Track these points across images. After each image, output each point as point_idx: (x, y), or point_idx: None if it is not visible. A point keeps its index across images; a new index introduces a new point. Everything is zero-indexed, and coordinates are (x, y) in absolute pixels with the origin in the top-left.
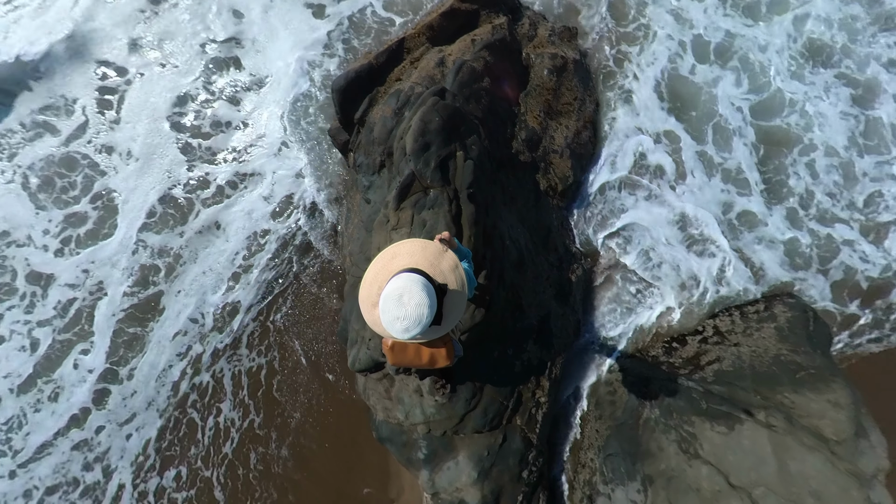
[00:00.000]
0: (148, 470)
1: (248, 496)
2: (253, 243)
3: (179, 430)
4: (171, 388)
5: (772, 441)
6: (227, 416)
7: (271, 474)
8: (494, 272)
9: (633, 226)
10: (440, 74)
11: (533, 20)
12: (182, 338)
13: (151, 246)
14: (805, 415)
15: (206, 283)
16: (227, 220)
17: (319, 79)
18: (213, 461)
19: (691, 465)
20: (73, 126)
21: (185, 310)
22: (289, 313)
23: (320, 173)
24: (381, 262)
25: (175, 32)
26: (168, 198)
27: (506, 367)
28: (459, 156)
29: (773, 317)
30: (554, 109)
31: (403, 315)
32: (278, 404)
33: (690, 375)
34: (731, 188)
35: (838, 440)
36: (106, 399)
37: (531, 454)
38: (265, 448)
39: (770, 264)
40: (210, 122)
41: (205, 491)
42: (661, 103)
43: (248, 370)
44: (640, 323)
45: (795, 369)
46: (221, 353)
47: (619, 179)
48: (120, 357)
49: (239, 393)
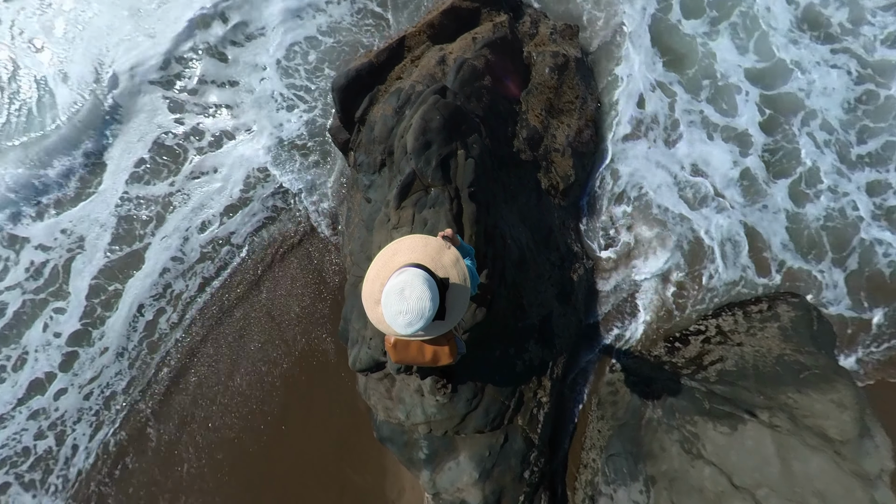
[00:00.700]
0: (108, 424)
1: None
2: (251, 178)
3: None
4: (145, 331)
5: (775, 441)
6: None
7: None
8: (496, 271)
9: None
10: (441, 73)
11: (534, 18)
12: (161, 278)
13: (139, 196)
14: (809, 415)
15: (195, 222)
16: (222, 163)
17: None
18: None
19: (694, 466)
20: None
21: (167, 251)
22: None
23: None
24: (382, 259)
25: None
26: (159, 146)
27: (507, 366)
28: (460, 154)
29: (777, 316)
30: (555, 108)
31: (406, 309)
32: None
33: (693, 375)
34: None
35: (843, 440)
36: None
37: (533, 454)
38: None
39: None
40: (199, 79)
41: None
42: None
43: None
44: (645, 319)
45: (799, 369)
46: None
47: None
48: (95, 317)
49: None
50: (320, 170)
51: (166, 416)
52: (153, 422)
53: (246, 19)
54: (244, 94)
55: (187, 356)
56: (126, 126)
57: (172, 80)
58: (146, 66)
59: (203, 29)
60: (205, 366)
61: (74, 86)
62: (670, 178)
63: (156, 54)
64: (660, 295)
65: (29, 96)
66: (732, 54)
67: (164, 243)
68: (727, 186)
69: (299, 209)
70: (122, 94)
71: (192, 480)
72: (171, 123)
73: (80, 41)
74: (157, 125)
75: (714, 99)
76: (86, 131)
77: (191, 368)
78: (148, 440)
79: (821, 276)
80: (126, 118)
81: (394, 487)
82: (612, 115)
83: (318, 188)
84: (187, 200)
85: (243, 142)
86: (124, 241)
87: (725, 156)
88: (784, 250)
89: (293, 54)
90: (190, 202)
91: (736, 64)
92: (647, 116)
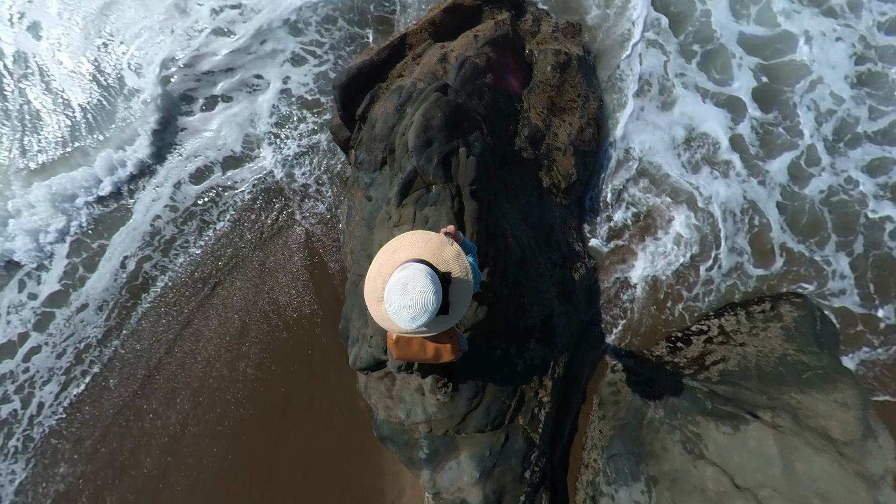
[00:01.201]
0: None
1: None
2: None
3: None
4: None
5: (778, 442)
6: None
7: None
8: (497, 270)
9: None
10: (442, 70)
11: (536, 16)
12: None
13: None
14: (812, 415)
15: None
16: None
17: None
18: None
19: (696, 466)
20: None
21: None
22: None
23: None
24: (383, 256)
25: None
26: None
27: (508, 365)
28: (462, 152)
29: (780, 316)
30: (557, 106)
31: (409, 303)
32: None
33: (695, 375)
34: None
35: (846, 441)
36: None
37: (533, 454)
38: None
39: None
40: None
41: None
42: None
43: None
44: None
45: (802, 369)
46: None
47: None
48: (76, 278)
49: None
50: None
51: (165, 424)
52: (151, 424)
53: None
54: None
55: (181, 382)
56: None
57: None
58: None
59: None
60: (202, 373)
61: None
62: (671, 144)
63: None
64: (659, 287)
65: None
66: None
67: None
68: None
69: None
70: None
71: (193, 483)
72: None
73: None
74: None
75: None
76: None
77: (191, 384)
78: (145, 458)
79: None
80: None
81: (394, 487)
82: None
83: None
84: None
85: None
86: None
87: (721, 122)
88: (782, 233)
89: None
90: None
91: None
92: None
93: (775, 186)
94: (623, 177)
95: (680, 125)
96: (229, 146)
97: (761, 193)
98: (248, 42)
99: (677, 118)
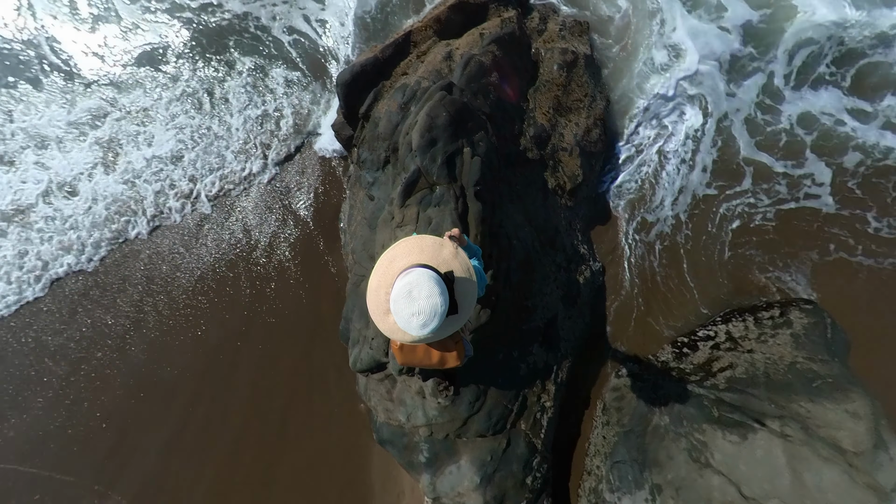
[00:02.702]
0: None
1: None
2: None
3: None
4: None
5: (786, 451)
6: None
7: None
8: (501, 272)
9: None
10: (447, 69)
11: (543, 14)
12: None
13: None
14: (822, 425)
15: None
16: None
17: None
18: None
19: (702, 475)
20: None
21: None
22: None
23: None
24: (381, 268)
25: None
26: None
27: (511, 369)
28: (466, 152)
29: (789, 323)
30: (563, 106)
31: (418, 310)
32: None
33: (701, 382)
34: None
35: (856, 452)
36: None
37: (536, 460)
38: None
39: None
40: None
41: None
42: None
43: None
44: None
45: (812, 378)
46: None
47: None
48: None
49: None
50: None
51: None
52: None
53: None
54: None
55: (178, 385)
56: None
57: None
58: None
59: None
60: (199, 373)
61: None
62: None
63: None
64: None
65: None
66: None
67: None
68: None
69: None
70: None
71: (191, 485)
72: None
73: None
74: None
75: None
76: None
77: (189, 387)
78: (142, 460)
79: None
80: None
81: (393, 491)
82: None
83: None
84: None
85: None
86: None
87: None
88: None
89: None
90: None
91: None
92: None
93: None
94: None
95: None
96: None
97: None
98: None
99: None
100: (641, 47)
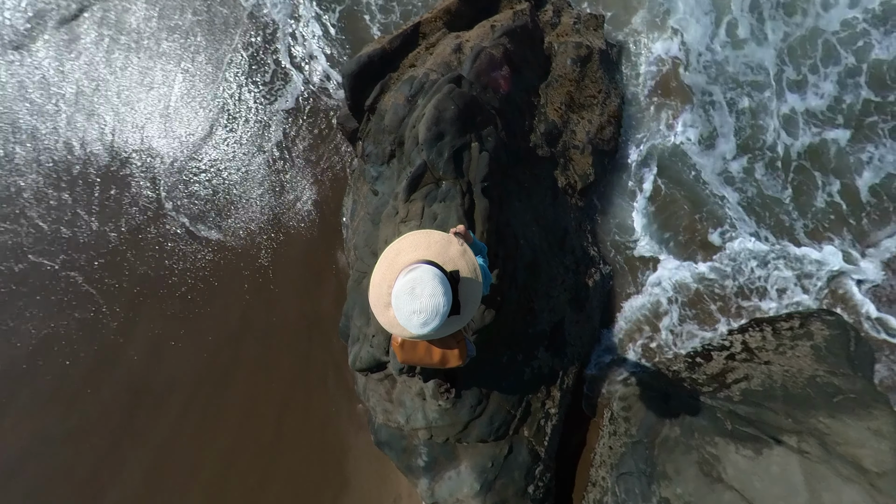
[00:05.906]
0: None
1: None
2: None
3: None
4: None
5: (804, 469)
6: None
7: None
8: (507, 272)
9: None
10: (457, 61)
11: (557, 6)
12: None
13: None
14: (842, 442)
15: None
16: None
17: None
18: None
19: (713, 490)
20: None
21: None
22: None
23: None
24: (386, 260)
25: None
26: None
27: (515, 373)
28: (474, 147)
29: (810, 334)
30: (576, 102)
31: (419, 308)
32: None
33: (715, 394)
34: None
35: (879, 472)
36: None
37: (538, 468)
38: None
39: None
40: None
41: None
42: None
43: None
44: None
45: (833, 392)
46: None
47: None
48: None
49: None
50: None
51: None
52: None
53: None
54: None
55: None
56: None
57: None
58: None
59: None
60: (195, 378)
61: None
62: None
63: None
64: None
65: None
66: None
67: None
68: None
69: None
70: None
71: (186, 486)
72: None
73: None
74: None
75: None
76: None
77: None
78: (139, 461)
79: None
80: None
81: (390, 495)
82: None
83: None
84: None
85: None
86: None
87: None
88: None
89: None
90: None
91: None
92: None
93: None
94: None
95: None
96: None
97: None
98: None
99: None
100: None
